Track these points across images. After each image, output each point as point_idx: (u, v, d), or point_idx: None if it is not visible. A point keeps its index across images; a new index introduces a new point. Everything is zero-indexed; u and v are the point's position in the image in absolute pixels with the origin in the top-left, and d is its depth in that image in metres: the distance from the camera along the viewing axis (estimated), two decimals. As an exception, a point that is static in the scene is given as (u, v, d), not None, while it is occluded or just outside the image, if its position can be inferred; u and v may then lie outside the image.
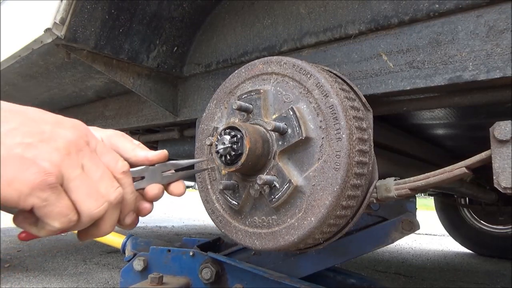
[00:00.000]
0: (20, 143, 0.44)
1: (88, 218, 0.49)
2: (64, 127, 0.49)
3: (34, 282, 1.99)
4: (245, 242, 0.92)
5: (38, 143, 0.45)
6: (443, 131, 1.85)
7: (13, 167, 0.43)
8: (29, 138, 0.45)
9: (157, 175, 0.62)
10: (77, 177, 0.47)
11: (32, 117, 0.47)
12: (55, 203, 0.45)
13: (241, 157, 0.81)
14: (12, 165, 0.43)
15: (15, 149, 0.43)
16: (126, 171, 0.55)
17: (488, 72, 0.81)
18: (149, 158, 0.62)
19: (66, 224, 0.47)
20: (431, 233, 5.47)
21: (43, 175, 0.44)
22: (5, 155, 0.43)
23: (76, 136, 0.49)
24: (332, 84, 0.84)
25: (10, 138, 0.44)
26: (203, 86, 1.41)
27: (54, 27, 1.02)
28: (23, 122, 0.46)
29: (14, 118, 0.46)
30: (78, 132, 0.50)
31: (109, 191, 0.51)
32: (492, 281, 2.59)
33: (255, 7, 1.22)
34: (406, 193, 0.88)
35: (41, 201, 0.44)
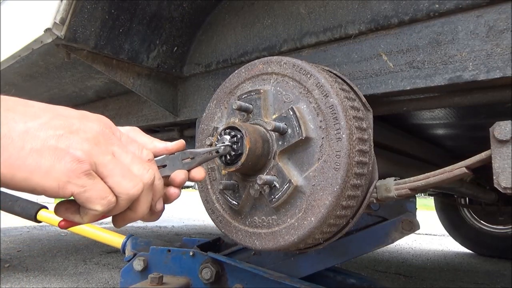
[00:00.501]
0: (53, 135, 0.47)
1: (126, 198, 0.52)
2: (91, 120, 0.52)
3: (34, 282, 1.99)
4: (245, 242, 0.92)
5: (69, 135, 0.48)
6: (443, 131, 1.86)
7: (49, 158, 0.46)
8: (60, 130, 0.48)
9: (178, 162, 0.66)
10: (109, 162, 0.50)
11: (60, 113, 0.51)
12: (93, 188, 0.48)
13: (241, 157, 0.81)
14: (48, 156, 0.46)
15: (49, 141, 0.46)
16: (151, 159, 0.58)
17: (488, 72, 0.81)
18: (169, 148, 0.66)
19: (106, 206, 0.50)
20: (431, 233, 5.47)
21: (78, 162, 0.47)
22: (40, 147, 0.46)
23: (102, 127, 0.52)
24: (332, 84, 0.84)
25: (43, 132, 0.47)
26: (203, 86, 1.41)
27: (54, 27, 1.02)
28: (53, 117, 0.49)
29: (44, 114, 0.49)
30: (104, 124, 0.53)
31: (143, 172, 0.54)
32: (492, 281, 2.59)
33: (255, 7, 1.22)
34: (406, 193, 0.88)
35: (79, 187, 0.47)
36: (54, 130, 0.47)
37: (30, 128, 0.46)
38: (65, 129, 0.48)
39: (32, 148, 0.45)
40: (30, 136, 0.46)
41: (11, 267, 2.29)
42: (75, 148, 0.48)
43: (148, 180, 0.54)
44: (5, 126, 0.45)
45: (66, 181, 0.46)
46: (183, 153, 0.67)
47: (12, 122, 0.45)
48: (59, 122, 0.49)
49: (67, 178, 0.46)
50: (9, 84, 1.72)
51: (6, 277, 2.06)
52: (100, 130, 0.52)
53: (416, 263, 3.13)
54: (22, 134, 0.45)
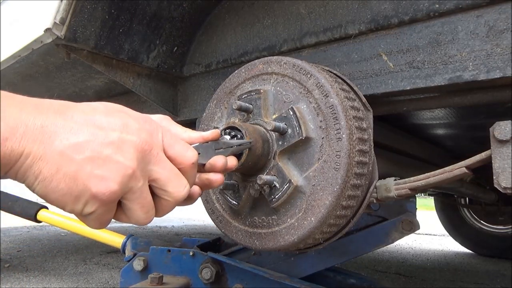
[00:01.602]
0: (90, 158, 0.45)
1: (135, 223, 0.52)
2: (131, 132, 0.49)
3: (34, 282, 1.99)
4: (245, 242, 0.92)
5: (107, 158, 0.46)
6: (443, 131, 1.86)
7: (83, 183, 0.44)
8: (97, 152, 0.45)
9: (211, 151, 0.66)
10: (139, 189, 0.49)
11: (99, 125, 0.47)
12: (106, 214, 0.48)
13: (241, 157, 0.81)
14: (82, 181, 0.44)
15: (85, 166, 0.44)
16: (195, 162, 0.56)
17: (488, 72, 0.81)
18: (204, 137, 0.64)
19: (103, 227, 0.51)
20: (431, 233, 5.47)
21: (110, 193, 0.46)
22: (75, 172, 0.44)
23: (142, 141, 0.49)
24: (332, 84, 0.84)
25: (79, 154, 0.44)
26: (203, 86, 1.41)
27: (54, 27, 1.02)
28: (91, 132, 0.46)
29: (81, 129, 0.46)
30: (145, 134, 0.50)
31: (179, 189, 0.53)
32: (492, 281, 2.59)
33: (255, 7, 1.22)
34: (406, 193, 0.88)
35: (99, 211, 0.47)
36: (91, 151, 0.45)
37: (66, 149, 0.44)
38: (103, 150, 0.46)
39: (66, 173, 0.44)
40: (65, 159, 0.44)
41: (11, 267, 2.29)
42: (112, 177, 0.46)
43: (183, 196, 0.53)
44: (42, 144, 0.43)
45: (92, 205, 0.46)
46: (217, 143, 0.67)
47: (48, 139, 0.43)
48: (98, 141, 0.46)
49: (94, 204, 0.46)
50: (9, 84, 1.72)
51: (6, 277, 2.06)
52: (139, 147, 0.48)
53: (416, 263, 3.13)
54: (57, 156, 0.43)
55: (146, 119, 0.53)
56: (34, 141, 0.42)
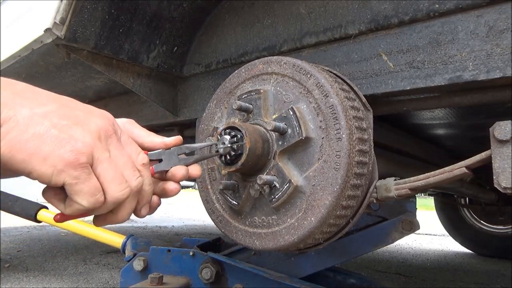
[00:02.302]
0: (57, 124, 0.48)
1: (112, 201, 0.52)
2: (95, 115, 0.53)
3: (34, 282, 1.99)
4: (245, 242, 0.92)
5: (73, 125, 0.49)
6: (443, 131, 1.86)
7: (50, 145, 0.46)
8: (64, 121, 0.49)
9: (174, 157, 0.66)
10: (105, 160, 0.51)
11: (67, 104, 0.52)
12: (85, 182, 0.49)
13: (241, 157, 0.81)
14: (49, 143, 0.46)
15: (52, 129, 0.47)
16: (146, 163, 0.58)
17: (488, 72, 0.81)
18: (166, 143, 0.65)
19: (93, 204, 0.50)
20: (431, 233, 5.47)
21: (77, 153, 0.47)
22: (42, 133, 0.46)
23: (105, 124, 0.53)
24: (332, 84, 0.84)
25: (47, 119, 0.47)
26: (203, 86, 1.41)
27: (54, 27, 1.02)
28: (59, 107, 0.50)
29: (51, 103, 0.50)
30: (107, 121, 0.54)
31: (131, 178, 0.54)
32: (492, 281, 2.59)
33: (255, 7, 1.22)
34: (406, 193, 0.88)
35: (72, 179, 0.48)
36: (58, 119, 0.48)
37: (35, 114, 0.47)
38: (70, 120, 0.49)
39: (35, 132, 0.46)
40: (35, 121, 0.47)
41: (11, 267, 2.29)
42: (77, 139, 0.48)
43: (135, 187, 0.54)
44: (12, 109, 0.46)
45: (61, 169, 0.47)
46: (180, 148, 0.66)
47: (19, 106, 0.47)
48: (65, 112, 0.50)
49: (63, 167, 0.47)
50: (9, 84, 1.72)
51: (6, 277, 2.06)
52: (103, 126, 0.52)
53: (416, 263, 3.13)
54: (27, 118, 0.46)
55: (107, 113, 0.56)
56: (4, 107, 0.46)
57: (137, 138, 0.64)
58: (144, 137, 0.64)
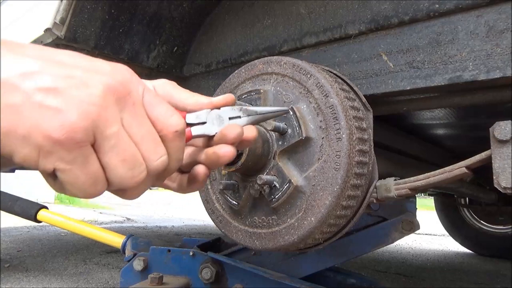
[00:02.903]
0: (41, 88, 0.34)
1: (117, 187, 0.40)
2: (101, 72, 0.38)
3: (34, 282, 1.99)
4: (245, 242, 0.92)
5: (65, 89, 0.35)
6: (443, 131, 1.86)
7: (31, 117, 0.33)
8: (53, 82, 0.34)
9: (224, 120, 0.52)
10: (113, 135, 0.37)
11: (60, 60, 0.37)
12: (82, 168, 0.36)
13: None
14: (29, 114, 0.33)
15: (34, 95, 0.34)
16: (180, 131, 0.43)
17: (488, 72, 0.81)
18: (214, 103, 0.52)
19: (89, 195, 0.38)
20: (431, 233, 5.47)
21: (69, 128, 0.34)
22: (21, 102, 0.33)
23: (116, 81, 0.38)
24: (332, 84, 0.84)
25: (28, 81, 0.34)
26: (203, 86, 1.41)
27: (54, 27, 1.02)
28: (46, 64, 0.36)
29: (35, 61, 0.35)
30: (120, 76, 0.39)
31: (151, 157, 0.41)
32: (492, 281, 2.59)
33: (255, 7, 1.22)
34: (406, 193, 0.88)
35: (64, 163, 0.35)
36: (44, 81, 0.34)
37: (9, 77, 0.33)
38: (62, 82, 0.35)
39: (7, 103, 0.33)
40: (8, 87, 0.33)
41: (11, 267, 2.29)
42: (70, 108, 0.34)
43: (154, 170, 0.41)
44: None
45: (49, 151, 0.34)
46: (232, 109, 0.52)
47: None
48: (54, 72, 0.35)
49: (51, 147, 0.34)
50: (9, 84, 1.72)
51: (6, 277, 2.06)
52: (112, 84, 0.37)
53: (416, 263, 3.13)
54: (6, 88, 0.33)
55: (123, 68, 0.41)
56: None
57: (178, 102, 0.50)
58: (186, 99, 0.51)
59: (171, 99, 0.50)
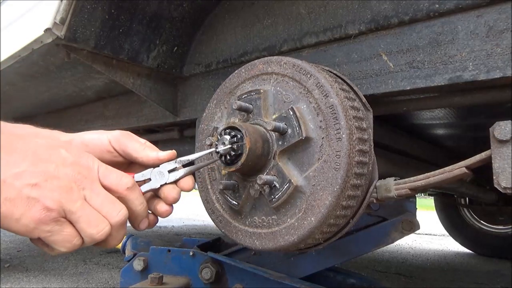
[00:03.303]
0: (27, 184, 0.51)
1: (91, 242, 0.55)
2: (67, 165, 0.54)
3: (34, 282, 1.99)
4: (245, 242, 0.92)
5: (43, 183, 0.51)
6: (443, 131, 1.85)
7: (21, 207, 0.50)
8: (34, 179, 0.51)
9: (165, 174, 0.65)
10: (78, 208, 0.53)
11: (40, 157, 0.53)
12: (59, 233, 0.53)
13: (241, 157, 0.81)
14: (20, 205, 0.50)
15: (23, 190, 0.50)
16: (130, 187, 0.59)
17: (488, 72, 0.81)
18: (160, 158, 0.66)
19: (71, 248, 0.54)
20: (431, 233, 5.47)
21: (46, 211, 0.51)
22: (14, 196, 0.50)
23: (76, 172, 0.54)
24: (332, 84, 0.84)
25: (19, 180, 0.50)
26: (203, 86, 1.41)
27: (54, 27, 1.02)
28: (31, 163, 0.52)
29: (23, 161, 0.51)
30: (79, 168, 0.55)
31: (112, 214, 0.56)
32: (492, 281, 2.59)
33: (255, 7, 1.22)
34: (406, 193, 0.88)
35: (45, 233, 0.52)
36: (29, 179, 0.51)
37: (7, 178, 0.50)
38: (40, 178, 0.51)
39: (7, 197, 0.50)
40: (7, 185, 0.50)
41: (11, 267, 2.29)
42: (46, 197, 0.51)
43: (116, 223, 0.56)
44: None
45: (34, 228, 0.51)
46: (169, 163, 0.66)
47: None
48: (36, 170, 0.52)
49: (35, 225, 0.51)
50: (9, 84, 1.72)
51: (6, 277, 2.06)
52: (74, 176, 0.54)
53: (416, 263, 3.13)
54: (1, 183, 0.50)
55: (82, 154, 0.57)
56: None
57: (132, 152, 0.65)
58: (138, 152, 0.65)
59: (125, 149, 0.66)
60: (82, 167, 0.56)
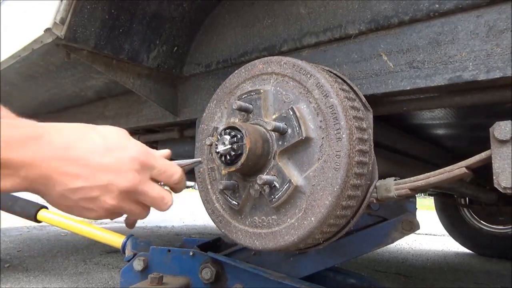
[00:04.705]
0: (82, 199, 0.58)
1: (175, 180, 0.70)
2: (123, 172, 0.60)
3: (34, 282, 1.98)
4: (245, 242, 0.92)
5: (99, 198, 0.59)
6: (443, 131, 1.85)
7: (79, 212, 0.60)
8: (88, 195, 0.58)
9: None
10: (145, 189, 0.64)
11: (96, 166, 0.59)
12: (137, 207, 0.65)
13: (241, 157, 0.81)
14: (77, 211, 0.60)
15: (78, 203, 0.59)
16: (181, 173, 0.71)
17: (488, 72, 0.81)
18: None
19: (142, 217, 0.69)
20: (431, 233, 5.47)
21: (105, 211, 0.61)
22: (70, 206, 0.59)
23: (131, 184, 0.61)
24: (332, 84, 0.84)
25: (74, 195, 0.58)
26: (203, 86, 1.41)
27: (54, 27, 1.02)
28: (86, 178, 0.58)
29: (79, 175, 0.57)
30: (134, 180, 0.62)
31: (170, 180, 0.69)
32: (492, 281, 2.59)
33: (255, 7, 1.22)
34: (406, 193, 0.88)
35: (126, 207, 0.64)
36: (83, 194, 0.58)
37: (65, 192, 0.57)
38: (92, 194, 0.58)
39: (67, 205, 0.59)
40: (64, 199, 0.58)
41: (11, 267, 2.29)
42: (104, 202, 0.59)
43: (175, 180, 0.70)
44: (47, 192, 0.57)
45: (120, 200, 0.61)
46: None
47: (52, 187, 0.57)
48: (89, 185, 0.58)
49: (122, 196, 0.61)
50: (9, 84, 1.72)
51: (6, 277, 2.06)
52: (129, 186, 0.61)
53: (416, 263, 3.13)
54: (60, 196, 0.58)
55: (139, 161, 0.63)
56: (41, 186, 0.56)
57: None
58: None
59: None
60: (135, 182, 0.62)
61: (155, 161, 0.66)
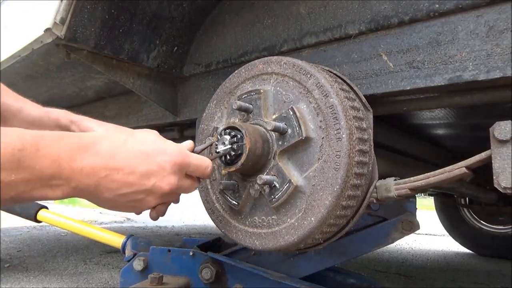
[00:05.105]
0: (129, 201, 0.67)
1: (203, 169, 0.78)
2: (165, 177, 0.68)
3: (34, 282, 1.98)
4: (245, 242, 0.92)
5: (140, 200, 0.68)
6: (443, 131, 1.85)
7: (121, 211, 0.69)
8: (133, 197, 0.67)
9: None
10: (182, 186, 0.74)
11: (141, 174, 0.66)
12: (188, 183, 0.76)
13: (241, 157, 0.81)
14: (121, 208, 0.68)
15: (125, 204, 0.67)
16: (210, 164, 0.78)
17: (488, 72, 0.81)
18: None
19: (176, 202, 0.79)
20: (431, 233, 5.47)
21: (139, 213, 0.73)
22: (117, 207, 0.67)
23: (172, 186, 0.69)
24: (332, 84, 0.84)
25: (121, 199, 0.65)
26: (203, 86, 1.41)
27: (54, 27, 1.02)
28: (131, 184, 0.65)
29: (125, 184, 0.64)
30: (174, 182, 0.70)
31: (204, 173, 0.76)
32: (492, 281, 2.59)
33: (255, 7, 1.22)
34: (406, 193, 0.88)
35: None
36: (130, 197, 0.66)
37: (114, 197, 0.64)
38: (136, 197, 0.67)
39: (115, 206, 0.67)
40: (113, 202, 0.66)
41: (11, 267, 2.29)
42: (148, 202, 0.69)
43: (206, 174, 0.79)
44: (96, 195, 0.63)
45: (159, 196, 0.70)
46: None
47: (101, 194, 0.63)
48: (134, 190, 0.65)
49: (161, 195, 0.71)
50: (9, 84, 1.71)
51: (6, 277, 2.06)
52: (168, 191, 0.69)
53: (416, 263, 3.13)
54: (107, 201, 0.65)
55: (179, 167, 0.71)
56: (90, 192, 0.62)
57: None
58: None
59: None
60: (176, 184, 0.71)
61: (190, 160, 0.72)
